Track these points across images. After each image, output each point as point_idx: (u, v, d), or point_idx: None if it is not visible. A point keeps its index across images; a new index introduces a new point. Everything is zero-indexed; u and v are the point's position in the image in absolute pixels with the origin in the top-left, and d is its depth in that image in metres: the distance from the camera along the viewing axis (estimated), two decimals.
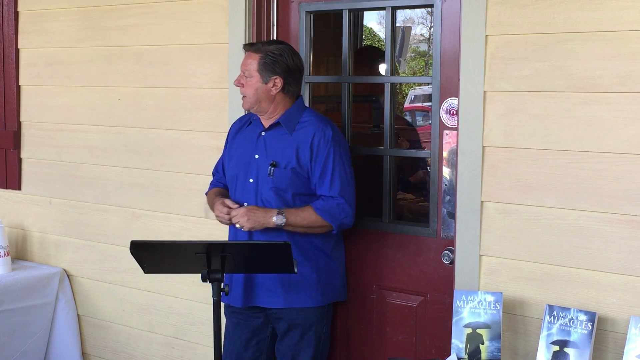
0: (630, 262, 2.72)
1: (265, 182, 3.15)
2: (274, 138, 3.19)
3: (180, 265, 2.97)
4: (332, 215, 3.11)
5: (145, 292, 4.02)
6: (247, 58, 3.16)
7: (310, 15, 3.55)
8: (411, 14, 11.81)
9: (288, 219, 3.08)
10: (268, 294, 3.18)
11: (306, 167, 3.14)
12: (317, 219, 3.10)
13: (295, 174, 3.13)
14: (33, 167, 4.43)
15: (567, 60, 2.79)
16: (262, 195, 3.15)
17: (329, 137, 3.14)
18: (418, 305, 3.33)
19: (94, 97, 4.15)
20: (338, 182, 3.13)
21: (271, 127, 3.20)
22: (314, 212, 3.10)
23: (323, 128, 3.15)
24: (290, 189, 3.14)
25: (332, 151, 3.13)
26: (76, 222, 4.27)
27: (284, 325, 3.23)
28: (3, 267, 4.10)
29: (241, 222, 3.08)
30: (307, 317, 3.21)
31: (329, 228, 3.14)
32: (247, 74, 3.14)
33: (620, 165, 2.72)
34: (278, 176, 3.13)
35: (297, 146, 3.14)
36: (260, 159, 3.18)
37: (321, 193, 3.15)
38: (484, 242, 3.01)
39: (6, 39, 4.42)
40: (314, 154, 3.13)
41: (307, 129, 3.16)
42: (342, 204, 3.12)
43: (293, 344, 3.23)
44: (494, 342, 2.79)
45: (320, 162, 3.13)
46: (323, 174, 3.13)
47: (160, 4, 3.85)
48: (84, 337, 4.32)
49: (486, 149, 2.98)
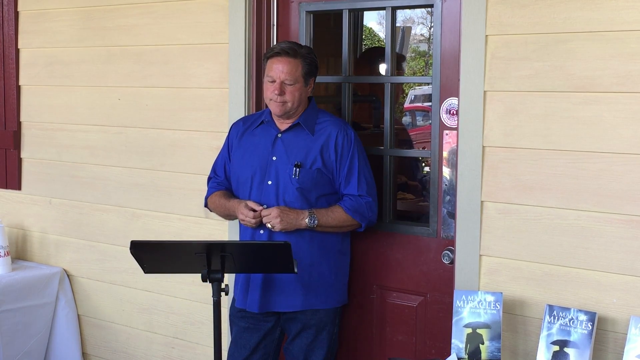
0: (630, 262, 2.72)
1: (288, 184, 3.13)
2: (293, 139, 3.18)
3: (180, 265, 2.96)
4: (361, 214, 3.15)
5: (145, 292, 4.02)
6: (287, 64, 3.10)
7: (310, 15, 3.55)
8: (411, 14, 11.82)
9: (319, 220, 3.09)
10: (286, 297, 3.17)
11: (331, 167, 3.15)
12: (347, 219, 3.14)
13: (320, 174, 3.14)
14: (33, 167, 4.43)
15: (567, 60, 2.79)
16: (284, 196, 3.13)
17: (352, 137, 3.18)
18: (418, 305, 3.33)
19: (94, 97, 4.15)
20: (365, 182, 3.17)
21: (289, 128, 3.18)
22: (343, 212, 3.13)
23: (344, 128, 3.18)
24: (314, 190, 3.14)
25: (356, 151, 3.17)
26: (76, 222, 4.27)
27: (297, 326, 3.22)
28: (3, 267, 4.10)
29: (273, 222, 3.05)
30: (321, 318, 3.21)
31: (357, 226, 3.18)
32: (291, 80, 3.10)
33: (620, 165, 2.72)
34: (304, 177, 3.12)
35: (321, 146, 3.15)
36: (279, 161, 3.16)
37: (348, 192, 3.16)
38: (484, 242, 3.01)
39: (6, 39, 4.41)
40: (338, 153, 3.15)
41: (328, 129, 3.17)
42: (370, 203, 3.17)
43: (306, 344, 3.22)
44: (494, 342, 2.79)
45: (345, 162, 3.15)
46: (350, 173, 3.16)
47: (160, 4, 3.85)
48: (84, 337, 4.32)
49: (486, 149, 2.98)
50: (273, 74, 3.11)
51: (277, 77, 3.11)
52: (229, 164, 3.35)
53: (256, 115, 3.36)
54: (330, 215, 3.12)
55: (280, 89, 3.10)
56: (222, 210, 3.30)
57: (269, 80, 3.13)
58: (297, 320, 3.21)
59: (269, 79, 3.13)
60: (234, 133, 3.35)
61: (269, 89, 3.13)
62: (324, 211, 3.12)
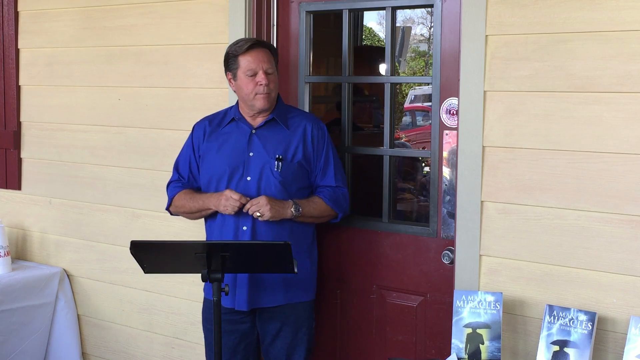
0: (630, 262, 2.72)
1: (270, 178, 3.13)
2: (269, 134, 3.18)
3: (180, 265, 2.96)
4: (339, 204, 3.21)
5: (145, 292, 4.02)
6: (265, 54, 3.12)
7: (310, 15, 3.55)
8: (411, 14, 11.82)
9: (303, 210, 3.12)
10: (269, 293, 3.18)
11: (309, 159, 3.19)
12: (326, 209, 3.19)
13: (301, 167, 3.17)
14: (33, 167, 4.43)
15: (567, 60, 2.79)
16: (265, 191, 3.13)
17: (324, 129, 3.24)
18: (418, 305, 3.33)
19: (94, 97, 4.15)
20: (340, 173, 3.25)
21: (264, 124, 3.18)
22: (323, 202, 3.18)
23: (317, 121, 3.25)
24: (294, 183, 3.16)
25: (329, 143, 3.24)
26: (76, 222, 4.27)
27: (275, 325, 3.21)
28: (3, 267, 4.10)
29: (263, 210, 3.04)
30: (299, 313, 3.21)
31: (334, 217, 3.24)
32: (271, 69, 3.13)
33: (620, 165, 2.72)
34: (286, 170, 3.14)
35: (299, 139, 3.17)
36: (257, 157, 3.16)
37: (325, 184, 3.21)
38: (484, 242, 3.01)
39: (6, 39, 4.42)
40: (315, 146, 3.19)
41: (303, 123, 3.20)
42: (345, 194, 3.25)
43: (287, 343, 3.21)
44: (494, 342, 2.79)
45: (321, 154, 3.21)
46: (326, 165, 3.21)
47: (160, 4, 3.85)
48: (84, 337, 4.32)
49: (486, 149, 2.98)
50: (254, 65, 3.10)
51: (260, 67, 3.10)
52: (194, 164, 3.31)
53: (221, 113, 3.33)
54: (312, 205, 3.15)
55: (266, 79, 3.09)
56: (192, 207, 3.23)
57: (249, 75, 3.10)
58: (275, 319, 3.20)
59: (249, 73, 3.10)
60: (199, 133, 3.31)
61: (251, 83, 3.11)
62: (306, 201, 3.15)
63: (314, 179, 3.23)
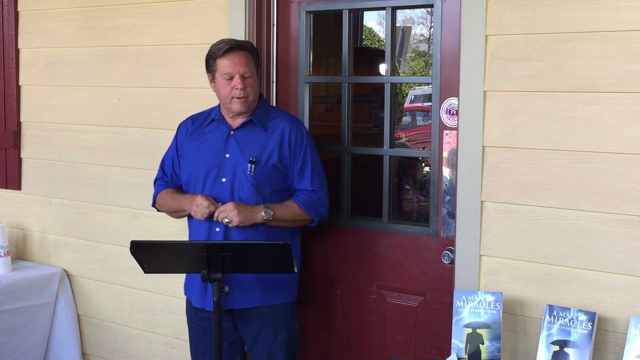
0: (630, 262, 2.72)
1: (243, 180, 3.13)
2: (246, 136, 3.18)
3: (180, 265, 2.97)
4: (314, 208, 3.18)
5: (145, 292, 4.02)
6: (243, 57, 3.12)
7: (310, 15, 3.55)
8: (411, 14, 11.81)
9: (275, 213, 3.09)
10: (244, 294, 3.15)
11: (286, 162, 3.17)
12: (300, 213, 3.15)
13: (276, 170, 3.15)
14: (33, 167, 4.43)
15: (567, 60, 2.79)
16: (239, 193, 3.13)
17: (304, 132, 3.22)
18: (418, 305, 3.33)
19: (94, 97, 4.15)
20: (317, 177, 3.21)
21: (242, 125, 3.19)
22: (297, 206, 3.14)
23: (297, 124, 3.22)
24: (269, 186, 3.15)
25: (308, 146, 3.20)
26: (76, 222, 4.27)
27: (254, 328, 3.20)
28: (3, 267, 4.10)
29: (231, 216, 3.03)
30: (277, 315, 3.19)
31: (310, 221, 3.20)
32: (249, 72, 3.12)
33: (620, 165, 2.72)
34: (259, 173, 3.12)
35: (276, 142, 3.16)
36: (233, 158, 3.16)
37: (301, 187, 3.19)
38: (484, 242, 3.01)
39: (6, 39, 4.42)
40: (292, 149, 3.17)
41: (281, 125, 3.19)
42: (322, 198, 3.21)
43: (267, 346, 3.20)
44: (494, 342, 2.79)
45: (299, 157, 3.18)
46: (303, 168, 3.18)
47: (160, 4, 3.85)
48: (84, 337, 4.32)
49: (486, 149, 2.98)
50: (231, 69, 3.10)
51: (236, 71, 3.10)
52: (177, 163, 3.32)
53: (205, 113, 3.34)
54: (285, 209, 3.13)
55: (242, 83, 3.10)
56: (172, 206, 3.25)
57: (226, 78, 3.11)
58: (253, 321, 3.19)
59: (226, 77, 3.11)
60: (182, 132, 3.33)
61: (227, 86, 3.12)
62: (279, 206, 3.13)
63: (291, 182, 3.20)
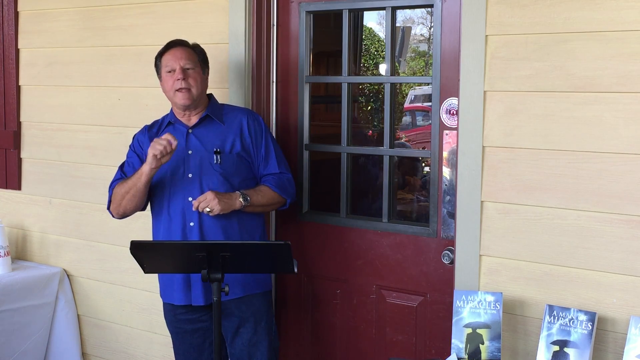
0: (630, 262, 2.72)
1: (210, 171, 3.17)
2: (205, 131, 3.24)
3: (180, 265, 2.96)
4: (286, 190, 3.26)
5: (145, 292, 4.02)
6: (183, 51, 3.22)
7: (310, 15, 3.55)
8: (411, 14, 11.78)
9: (251, 199, 3.14)
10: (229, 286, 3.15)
11: (249, 150, 3.24)
12: (274, 196, 3.22)
13: (240, 159, 3.21)
14: (33, 167, 4.43)
15: (567, 60, 2.79)
16: (208, 185, 3.16)
17: (261, 121, 3.32)
18: (418, 305, 3.33)
19: (94, 97, 4.15)
20: (282, 160, 3.31)
21: (199, 122, 3.24)
22: (270, 189, 3.21)
23: (251, 113, 3.33)
24: (236, 174, 3.20)
25: (268, 133, 3.32)
26: (76, 222, 4.27)
27: (233, 322, 3.22)
28: (3, 267, 4.10)
29: (212, 204, 3.06)
30: (256, 307, 3.22)
31: (283, 203, 3.28)
32: (191, 64, 3.19)
33: (620, 165, 2.72)
34: (225, 162, 3.18)
35: (235, 132, 3.23)
36: (195, 154, 3.20)
37: (269, 172, 3.26)
38: (484, 242, 3.01)
39: (6, 39, 4.41)
40: (253, 137, 3.25)
41: (238, 116, 3.27)
42: (290, 179, 3.30)
43: (247, 340, 3.22)
44: (494, 342, 2.79)
45: (261, 144, 3.26)
46: (267, 154, 3.27)
47: (160, 4, 3.85)
48: (84, 337, 4.32)
49: (486, 149, 2.98)
50: (172, 63, 3.19)
51: (177, 65, 3.18)
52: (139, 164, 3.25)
53: (158, 121, 3.39)
54: (259, 194, 3.19)
55: (183, 74, 3.16)
56: (127, 186, 3.16)
57: (168, 71, 3.20)
58: (232, 314, 3.20)
59: (168, 69, 3.19)
60: (141, 139, 3.35)
61: (170, 80, 3.19)
62: (253, 191, 3.18)
63: (257, 169, 3.27)
